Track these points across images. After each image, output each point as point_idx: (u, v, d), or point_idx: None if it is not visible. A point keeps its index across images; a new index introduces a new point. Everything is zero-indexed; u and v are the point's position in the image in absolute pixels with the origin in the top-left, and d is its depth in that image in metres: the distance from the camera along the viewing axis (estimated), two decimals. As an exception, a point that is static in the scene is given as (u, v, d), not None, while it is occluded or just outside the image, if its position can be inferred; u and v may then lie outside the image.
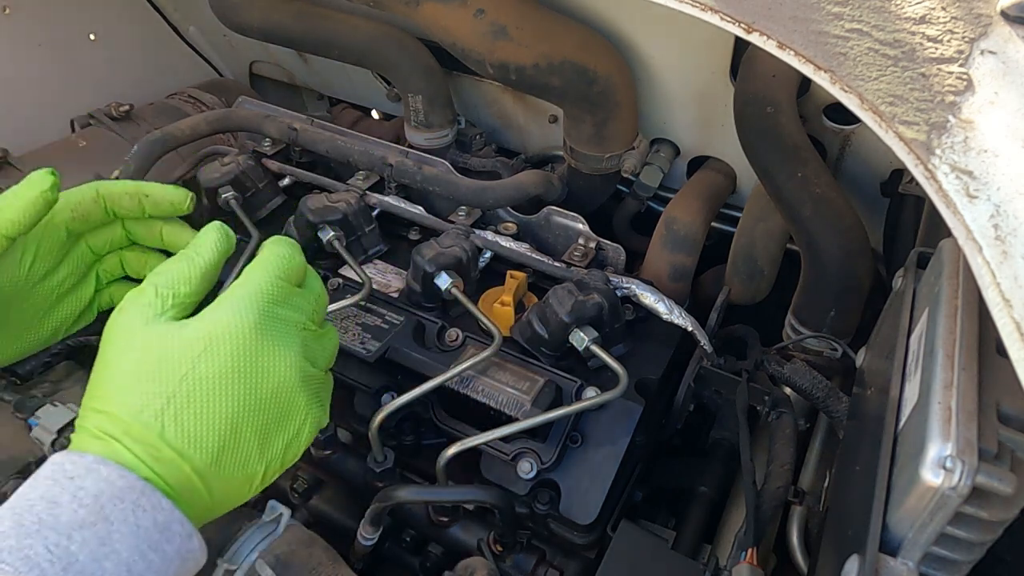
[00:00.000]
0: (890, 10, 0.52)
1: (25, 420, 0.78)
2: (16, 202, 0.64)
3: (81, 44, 1.31)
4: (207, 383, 0.53)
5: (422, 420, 0.80)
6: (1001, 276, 0.38)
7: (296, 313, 0.59)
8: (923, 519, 0.43)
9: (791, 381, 0.81)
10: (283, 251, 0.61)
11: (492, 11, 0.92)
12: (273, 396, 0.56)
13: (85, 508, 0.47)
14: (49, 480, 0.48)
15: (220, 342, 0.54)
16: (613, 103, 0.96)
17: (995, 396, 0.45)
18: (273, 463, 0.57)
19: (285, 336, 0.57)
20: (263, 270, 0.59)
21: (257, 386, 0.55)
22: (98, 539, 0.46)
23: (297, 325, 0.59)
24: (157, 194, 0.75)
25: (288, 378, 0.56)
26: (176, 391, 0.52)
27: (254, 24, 1.15)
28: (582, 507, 0.70)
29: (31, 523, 0.45)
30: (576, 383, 0.77)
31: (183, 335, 0.54)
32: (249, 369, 0.55)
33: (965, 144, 0.44)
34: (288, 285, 0.60)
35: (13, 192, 0.65)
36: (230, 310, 0.56)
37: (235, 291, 0.58)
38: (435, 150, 1.16)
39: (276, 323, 0.57)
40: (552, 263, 0.88)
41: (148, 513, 0.49)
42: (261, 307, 0.56)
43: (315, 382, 0.60)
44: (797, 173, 0.81)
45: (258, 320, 0.56)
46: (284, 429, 0.57)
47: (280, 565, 0.64)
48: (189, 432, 0.52)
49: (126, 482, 0.49)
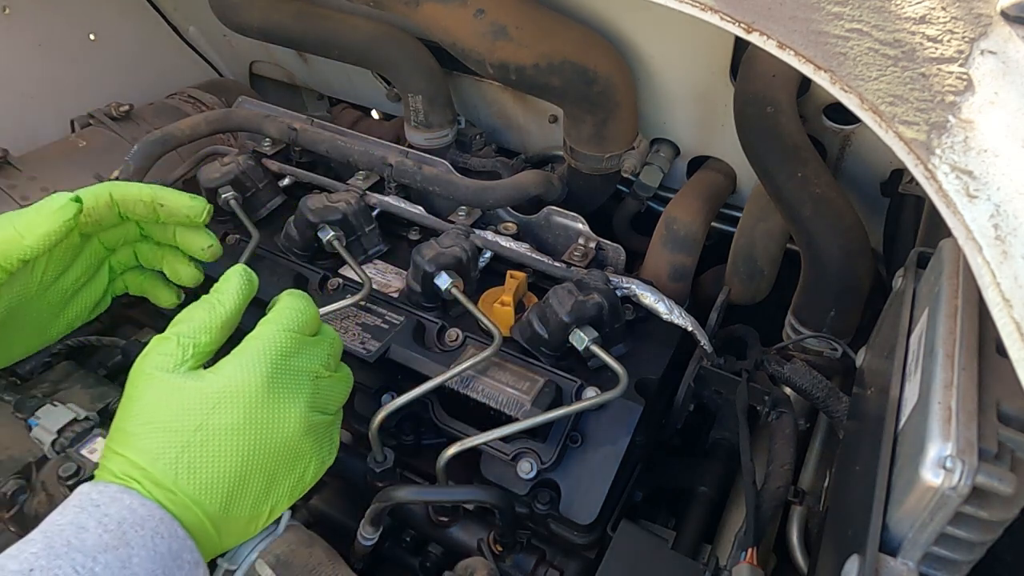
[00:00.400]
0: (890, 10, 0.52)
1: (25, 420, 0.78)
2: (38, 229, 0.65)
3: (81, 44, 1.31)
4: (220, 434, 0.56)
5: (422, 420, 0.80)
6: (1001, 276, 0.38)
7: (309, 363, 0.62)
8: (923, 519, 0.43)
9: (791, 381, 0.81)
10: (297, 304, 0.64)
11: (492, 11, 0.92)
12: (282, 446, 0.59)
13: (109, 533, 0.51)
14: (77, 508, 0.52)
15: (233, 396, 0.58)
16: (613, 103, 0.96)
17: (995, 396, 0.45)
18: (279, 503, 0.61)
19: (296, 388, 0.61)
20: (277, 323, 0.62)
21: (267, 438, 0.58)
22: (120, 562, 0.50)
23: (310, 375, 0.62)
24: (172, 204, 0.75)
25: (296, 429, 0.60)
26: (191, 441, 0.56)
27: (254, 24, 1.15)
28: (582, 507, 0.70)
29: (60, 545, 0.49)
30: (576, 383, 0.77)
31: (199, 388, 0.58)
32: (260, 422, 0.58)
33: (965, 144, 0.44)
34: (301, 336, 0.62)
35: (36, 213, 0.66)
36: (244, 365, 0.59)
37: (249, 344, 0.61)
38: (435, 150, 1.16)
39: (287, 376, 0.60)
40: (552, 263, 0.88)
41: (165, 540, 0.53)
42: (273, 361, 0.60)
43: (323, 427, 0.63)
44: (797, 173, 0.81)
45: (270, 374, 0.59)
46: (291, 473, 0.61)
47: (280, 565, 0.64)
48: (202, 480, 0.55)
49: (147, 510, 0.53)
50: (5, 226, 0.64)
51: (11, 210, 1.04)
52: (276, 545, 0.66)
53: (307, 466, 0.62)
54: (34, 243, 0.65)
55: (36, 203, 0.67)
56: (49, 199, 0.67)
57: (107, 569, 0.49)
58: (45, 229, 0.65)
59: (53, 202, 0.66)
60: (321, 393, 0.63)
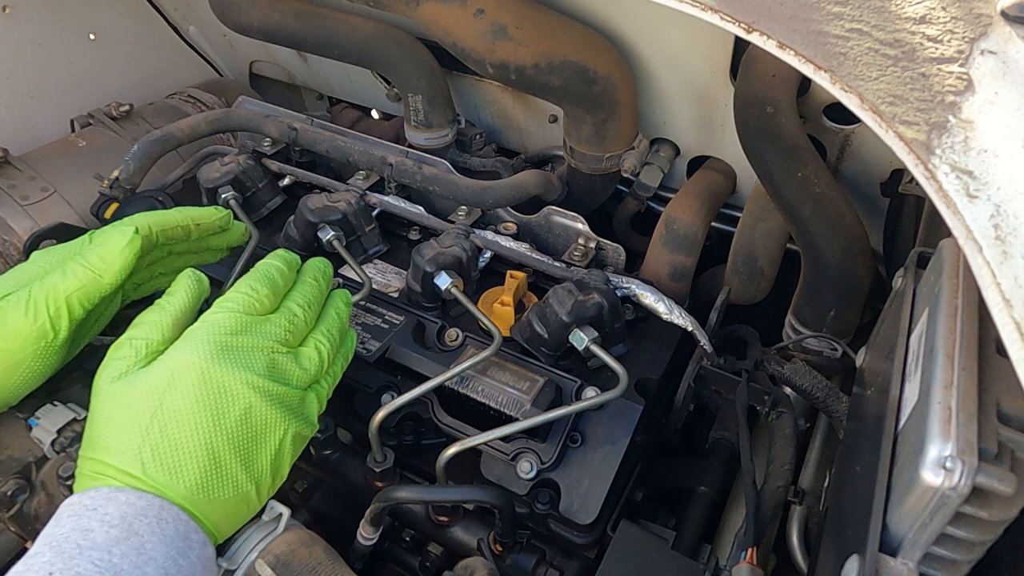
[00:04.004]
0: (890, 10, 0.52)
1: (25, 420, 0.77)
2: (113, 266, 0.66)
3: (81, 44, 1.31)
4: (175, 417, 0.57)
5: (422, 420, 0.80)
6: (1001, 276, 0.38)
7: (260, 339, 0.62)
8: (923, 519, 0.43)
9: (791, 381, 0.81)
10: (244, 287, 0.64)
11: (492, 11, 0.92)
12: (243, 419, 0.59)
13: (115, 528, 0.51)
14: (73, 516, 0.52)
15: (180, 378, 0.58)
16: (613, 103, 0.96)
17: (995, 396, 0.45)
18: (263, 479, 0.61)
19: (246, 363, 0.60)
20: (219, 306, 0.63)
21: (222, 413, 0.58)
22: (135, 550, 0.51)
23: (262, 350, 0.62)
24: (205, 221, 0.79)
25: (253, 402, 0.60)
26: (149, 427, 0.56)
27: (254, 24, 1.15)
28: (582, 507, 0.70)
29: (71, 549, 0.49)
30: (576, 383, 0.77)
31: (149, 378, 0.59)
32: (211, 398, 0.58)
33: (965, 144, 0.44)
34: (246, 315, 0.63)
35: (107, 249, 0.67)
36: (187, 347, 0.60)
37: (193, 328, 0.62)
38: (435, 150, 1.16)
39: (233, 352, 0.60)
40: (552, 263, 0.88)
41: (170, 524, 0.54)
42: (216, 339, 0.60)
43: (291, 399, 0.63)
44: (797, 173, 0.81)
45: (214, 352, 0.59)
46: (264, 447, 0.60)
47: (280, 565, 0.64)
48: (169, 464, 0.56)
49: (144, 501, 0.54)
50: (78, 269, 0.65)
51: (11, 210, 1.06)
52: (276, 545, 0.66)
53: (281, 438, 0.61)
54: (112, 280, 0.66)
55: (97, 237, 0.68)
56: (111, 232, 0.68)
57: (125, 558, 0.50)
58: (120, 266, 0.66)
59: (120, 237, 0.67)
60: (279, 367, 0.62)
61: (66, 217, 1.07)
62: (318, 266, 0.73)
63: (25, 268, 0.69)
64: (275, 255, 0.70)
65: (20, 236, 1.05)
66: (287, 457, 0.63)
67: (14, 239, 1.05)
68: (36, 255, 0.71)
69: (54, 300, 0.64)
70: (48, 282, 0.65)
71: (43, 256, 0.71)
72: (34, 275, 0.68)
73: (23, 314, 0.64)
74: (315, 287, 0.70)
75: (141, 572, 0.50)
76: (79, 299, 0.65)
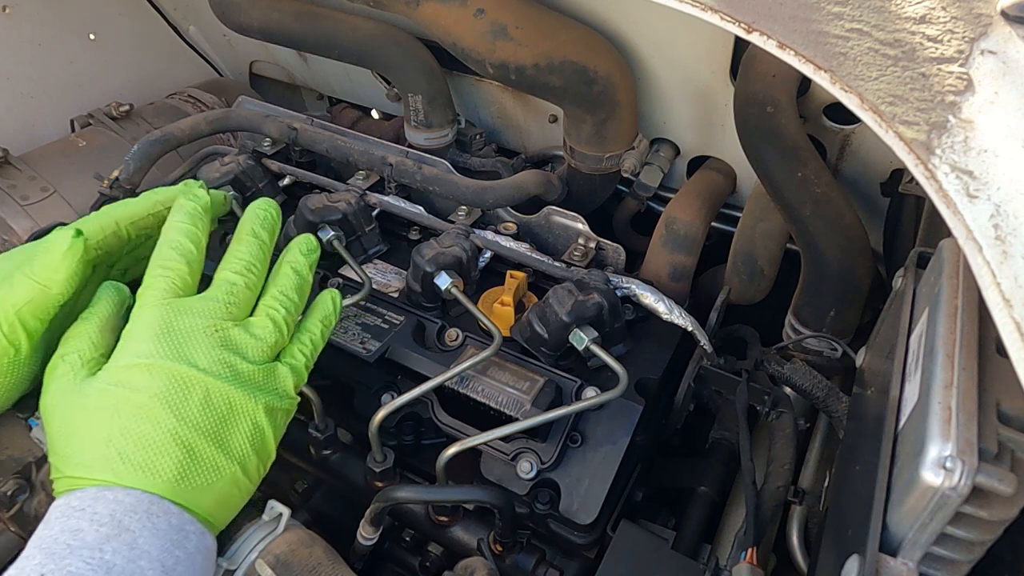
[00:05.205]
0: (890, 10, 0.52)
1: (25, 420, 0.78)
2: (58, 275, 0.61)
3: (81, 44, 1.31)
4: (134, 416, 0.55)
5: (422, 420, 0.80)
6: (1001, 276, 0.38)
7: (198, 319, 0.59)
8: (923, 519, 0.43)
9: (791, 381, 0.81)
10: (163, 271, 0.61)
11: (492, 11, 0.92)
12: (204, 404, 0.57)
13: (105, 526, 0.51)
14: (62, 518, 0.51)
15: (130, 377, 0.56)
16: (613, 103, 0.96)
17: (995, 396, 0.45)
18: (247, 459, 0.59)
19: (190, 345, 0.58)
20: (141, 301, 0.60)
21: (183, 401, 0.56)
22: (127, 545, 0.50)
23: (205, 330, 0.59)
24: (172, 201, 0.70)
25: (211, 383, 0.58)
26: (111, 435, 0.55)
27: (254, 24, 1.15)
28: (582, 507, 0.70)
29: (62, 550, 0.49)
30: (576, 383, 0.77)
31: (95, 387, 0.57)
32: (167, 390, 0.56)
33: (965, 144, 0.44)
34: (175, 300, 0.60)
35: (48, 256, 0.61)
36: (127, 347, 0.58)
37: (127, 330, 0.59)
38: (435, 150, 1.16)
39: (175, 340, 0.58)
40: (552, 263, 0.88)
41: (162, 518, 0.53)
42: (153, 331, 0.58)
43: (253, 375, 0.60)
44: (797, 173, 0.81)
45: (154, 346, 0.57)
46: (237, 427, 0.58)
47: (280, 565, 0.64)
48: (140, 464, 0.54)
49: (133, 498, 0.53)
50: (23, 281, 0.60)
51: (11, 210, 1.06)
52: (276, 545, 0.66)
53: (254, 415, 0.59)
54: (61, 290, 0.61)
55: (35, 246, 0.63)
56: (52, 238, 0.63)
57: (117, 554, 0.49)
58: (65, 275, 0.61)
59: (60, 243, 0.61)
60: (231, 343, 0.60)
61: (66, 217, 1.07)
62: (256, 214, 0.67)
63: None
64: (176, 210, 0.64)
65: (20, 236, 1.05)
66: (268, 433, 0.60)
67: (14, 239, 1.05)
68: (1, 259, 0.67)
69: (5, 317, 0.60)
70: None
71: (3, 262, 0.65)
72: None
73: None
74: (253, 244, 0.65)
75: (135, 566, 0.50)
76: (31, 313, 0.60)
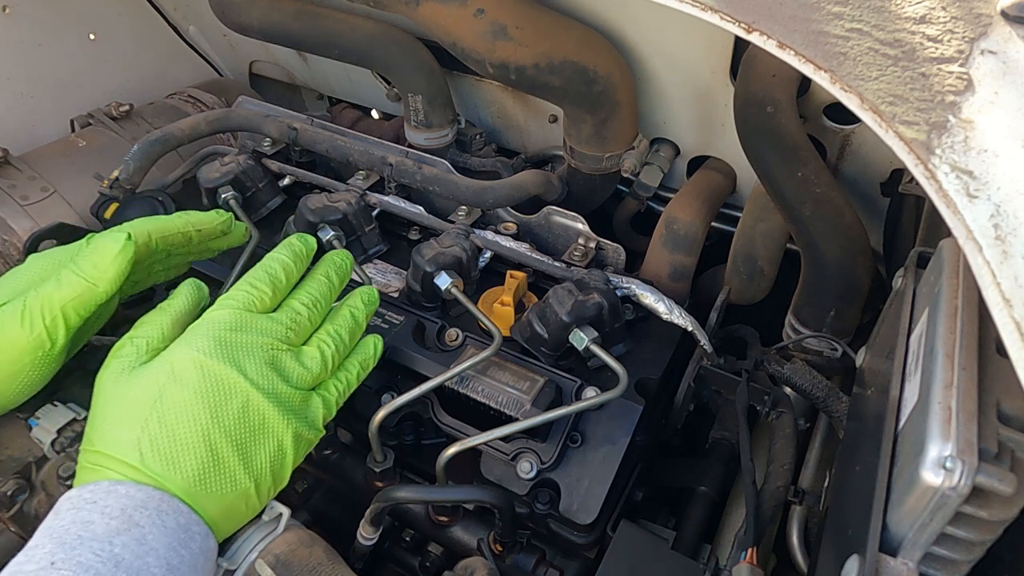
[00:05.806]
0: (890, 10, 0.52)
1: (25, 420, 0.78)
2: (106, 274, 0.65)
3: (81, 44, 1.31)
4: (174, 409, 0.57)
5: (422, 420, 0.80)
6: (1001, 276, 0.38)
7: (259, 336, 0.62)
8: (923, 519, 0.42)
9: (791, 381, 0.81)
10: (244, 285, 0.65)
11: (492, 11, 0.92)
12: (241, 413, 0.59)
13: (116, 520, 0.52)
14: (73, 509, 0.53)
15: (180, 371, 0.59)
16: (613, 103, 0.96)
17: (995, 396, 0.45)
18: (263, 478, 0.60)
19: (246, 358, 0.61)
20: (221, 303, 0.64)
21: (221, 406, 0.58)
22: (136, 540, 0.51)
23: (262, 347, 0.62)
24: (207, 226, 0.78)
25: (252, 397, 0.60)
26: (148, 418, 0.57)
27: (254, 24, 1.15)
28: (582, 507, 0.70)
29: (72, 540, 0.50)
30: (576, 383, 0.77)
31: (148, 373, 0.60)
32: (209, 391, 0.58)
33: (965, 144, 0.44)
34: (248, 313, 0.63)
35: (99, 256, 0.65)
36: (188, 341, 0.61)
37: (194, 324, 0.62)
38: (435, 150, 1.16)
39: (233, 347, 0.61)
40: (552, 263, 0.88)
41: (171, 516, 0.54)
42: (216, 334, 0.61)
43: (292, 398, 0.63)
44: (797, 173, 0.81)
45: (213, 347, 0.60)
46: (263, 444, 0.60)
47: (280, 565, 0.64)
48: (167, 455, 0.56)
49: (144, 494, 0.54)
50: (72, 278, 0.65)
51: (11, 210, 1.06)
52: (276, 545, 0.66)
53: (281, 436, 0.61)
54: (107, 289, 0.65)
55: (91, 243, 0.67)
56: (104, 240, 0.67)
57: (126, 548, 0.50)
58: (113, 274, 0.65)
59: (113, 245, 0.66)
60: (280, 365, 0.62)
61: (66, 217, 1.07)
62: (333, 260, 0.72)
63: (20, 274, 0.69)
64: (285, 246, 0.69)
65: (20, 236, 1.05)
66: (288, 458, 0.62)
67: (14, 239, 1.05)
68: (32, 259, 0.71)
69: (50, 310, 0.64)
70: (43, 291, 0.64)
71: (38, 261, 0.70)
72: (29, 282, 0.67)
73: (19, 325, 0.63)
74: (324, 284, 0.69)
75: (142, 562, 0.51)
76: (75, 308, 0.64)
